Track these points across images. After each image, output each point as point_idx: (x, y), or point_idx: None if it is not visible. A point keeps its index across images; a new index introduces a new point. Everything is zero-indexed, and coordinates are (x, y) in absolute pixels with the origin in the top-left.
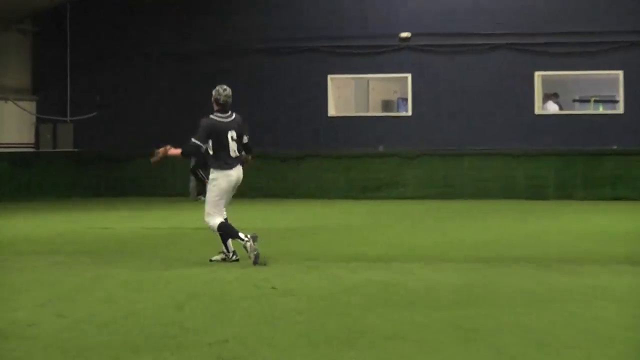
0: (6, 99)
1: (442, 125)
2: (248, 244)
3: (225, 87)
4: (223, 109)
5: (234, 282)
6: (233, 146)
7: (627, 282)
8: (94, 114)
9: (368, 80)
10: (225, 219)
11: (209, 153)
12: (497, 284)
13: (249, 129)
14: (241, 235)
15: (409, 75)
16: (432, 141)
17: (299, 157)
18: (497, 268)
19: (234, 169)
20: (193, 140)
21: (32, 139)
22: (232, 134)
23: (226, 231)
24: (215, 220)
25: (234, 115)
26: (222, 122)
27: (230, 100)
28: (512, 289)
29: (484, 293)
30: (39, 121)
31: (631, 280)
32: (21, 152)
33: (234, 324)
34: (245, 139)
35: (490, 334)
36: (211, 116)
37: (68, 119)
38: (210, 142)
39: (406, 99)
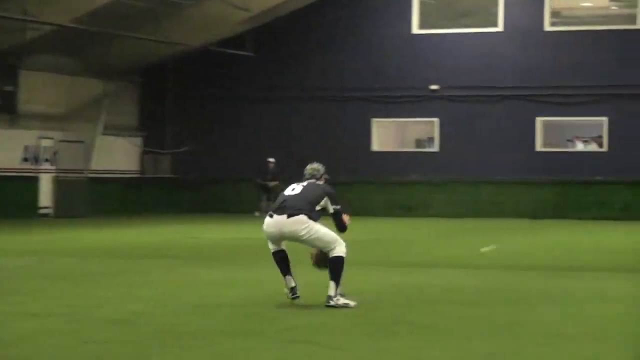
0: (118, 135)
1: (461, 159)
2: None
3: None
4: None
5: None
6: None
7: (621, 286)
8: (186, 148)
9: (404, 123)
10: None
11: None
12: (513, 287)
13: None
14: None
15: (437, 120)
16: (455, 171)
17: (351, 183)
18: (513, 273)
19: None
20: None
21: (138, 167)
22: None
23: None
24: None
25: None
26: None
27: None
28: (526, 291)
29: (502, 293)
30: (144, 153)
31: (624, 284)
32: (130, 177)
33: (306, 315)
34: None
35: (507, 326)
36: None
37: (166, 151)
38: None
39: (433, 138)
